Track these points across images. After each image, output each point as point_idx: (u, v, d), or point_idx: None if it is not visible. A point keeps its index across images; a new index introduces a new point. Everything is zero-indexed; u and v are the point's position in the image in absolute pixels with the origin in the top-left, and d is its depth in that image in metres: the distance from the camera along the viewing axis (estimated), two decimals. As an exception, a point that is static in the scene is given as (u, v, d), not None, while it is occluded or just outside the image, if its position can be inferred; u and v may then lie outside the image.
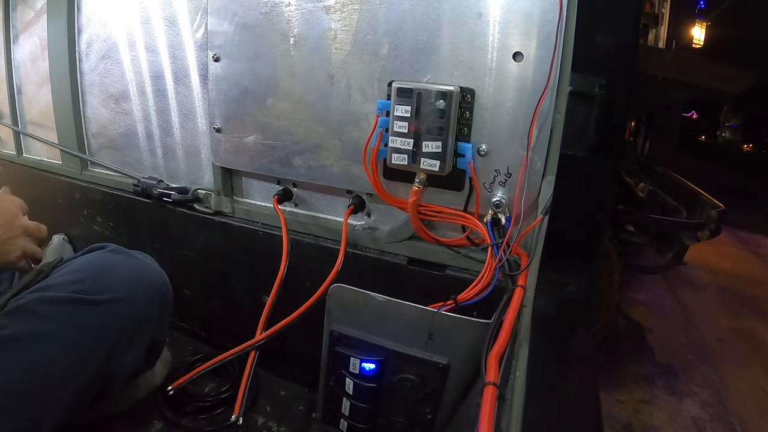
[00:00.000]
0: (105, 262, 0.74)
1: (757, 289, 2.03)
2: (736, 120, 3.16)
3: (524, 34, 0.62)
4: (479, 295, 0.69)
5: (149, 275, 0.76)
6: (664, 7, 1.62)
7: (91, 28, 1.05)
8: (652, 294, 1.92)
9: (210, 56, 0.84)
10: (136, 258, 0.79)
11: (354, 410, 0.74)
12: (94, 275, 0.69)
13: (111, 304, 0.67)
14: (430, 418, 0.70)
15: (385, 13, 0.69)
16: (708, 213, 1.26)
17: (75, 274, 0.69)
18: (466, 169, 0.69)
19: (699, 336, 1.63)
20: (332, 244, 0.84)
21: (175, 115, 0.98)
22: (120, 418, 0.84)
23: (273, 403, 0.92)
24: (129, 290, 0.70)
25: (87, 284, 0.67)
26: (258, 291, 0.94)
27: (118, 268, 0.73)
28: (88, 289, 0.66)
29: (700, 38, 2.25)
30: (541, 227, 0.63)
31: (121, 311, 0.68)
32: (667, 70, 1.30)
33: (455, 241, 0.75)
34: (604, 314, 1.30)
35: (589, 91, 0.58)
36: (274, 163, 0.85)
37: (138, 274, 0.74)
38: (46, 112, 1.20)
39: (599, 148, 0.60)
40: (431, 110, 0.66)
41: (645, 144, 1.77)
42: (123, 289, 0.69)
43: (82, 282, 0.67)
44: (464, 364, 0.65)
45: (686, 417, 1.22)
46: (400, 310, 0.66)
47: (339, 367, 0.73)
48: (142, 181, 1.01)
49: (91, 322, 0.65)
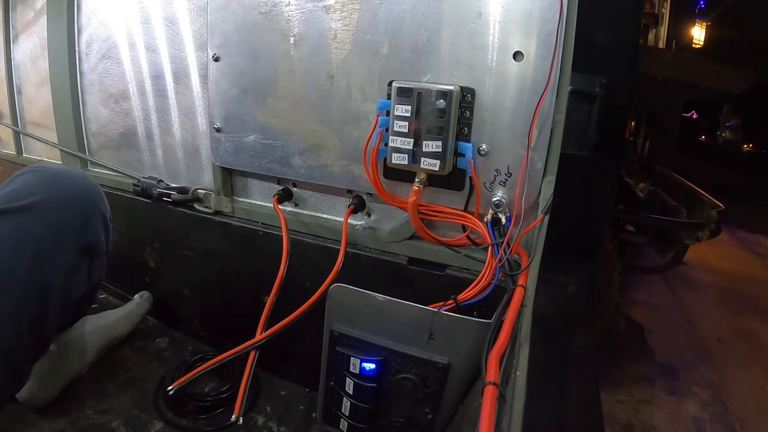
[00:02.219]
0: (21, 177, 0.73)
1: (757, 289, 2.02)
2: (736, 120, 3.15)
3: (524, 33, 0.62)
4: (479, 295, 0.68)
5: (68, 180, 0.76)
6: (664, 7, 1.62)
7: (91, 28, 1.05)
8: (652, 294, 1.92)
9: (210, 56, 0.84)
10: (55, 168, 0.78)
11: (354, 410, 0.74)
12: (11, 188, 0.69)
13: (26, 209, 0.67)
14: (430, 418, 0.70)
15: (385, 12, 0.69)
16: (708, 213, 1.25)
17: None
18: (467, 169, 0.69)
19: (699, 336, 1.63)
20: (332, 243, 0.84)
21: (175, 115, 0.98)
22: (120, 418, 0.84)
23: (273, 403, 0.92)
24: (44, 196, 0.69)
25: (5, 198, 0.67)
26: (258, 291, 0.94)
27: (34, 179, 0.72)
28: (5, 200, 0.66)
29: (700, 38, 2.25)
30: (541, 227, 0.63)
31: (36, 216, 0.68)
32: (667, 70, 1.30)
33: (455, 241, 0.75)
34: (604, 314, 1.30)
35: (589, 90, 0.58)
36: (274, 163, 0.85)
37: (55, 181, 0.73)
38: (46, 112, 1.20)
39: (599, 148, 0.60)
40: (431, 110, 0.66)
41: (645, 144, 1.77)
42: (37, 195, 0.68)
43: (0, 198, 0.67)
44: (465, 364, 0.65)
45: (686, 417, 1.21)
46: (400, 309, 0.66)
47: (339, 367, 0.73)
48: (142, 181, 1.01)
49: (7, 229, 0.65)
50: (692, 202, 1.35)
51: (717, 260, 2.29)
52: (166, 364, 1.00)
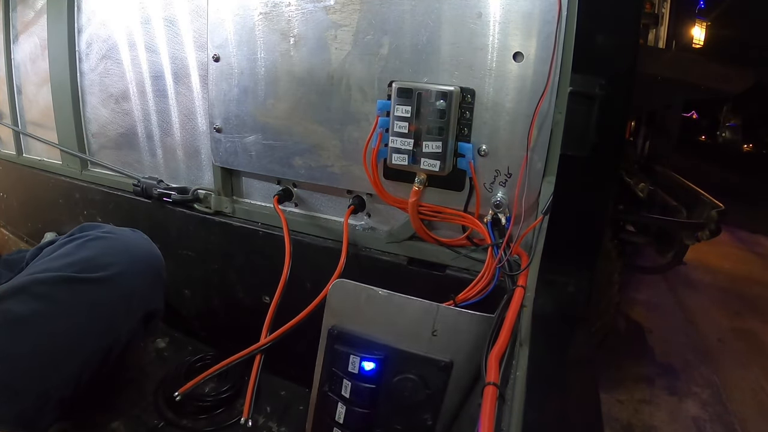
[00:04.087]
0: (96, 243, 0.75)
1: (757, 289, 2.02)
2: (736, 120, 3.16)
3: (524, 34, 0.62)
4: (479, 295, 0.69)
5: (139, 250, 0.78)
6: (664, 7, 1.62)
7: (91, 28, 1.05)
8: (652, 294, 1.92)
9: (210, 56, 0.84)
10: (126, 235, 0.80)
11: (349, 416, 0.70)
12: (86, 255, 0.71)
13: (104, 281, 0.69)
14: (430, 425, 0.68)
15: (385, 13, 0.69)
16: (708, 213, 1.25)
17: (67, 257, 0.71)
18: (467, 169, 0.69)
19: (699, 336, 1.63)
20: (332, 244, 0.84)
21: (175, 115, 0.98)
22: (120, 418, 0.84)
23: (273, 403, 0.92)
24: (120, 268, 0.72)
25: (80, 265, 0.69)
26: (258, 291, 0.94)
27: (109, 248, 0.74)
28: (81, 268, 0.68)
29: (700, 38, 2.25)
30: (541, 227, 0.63)
31: (114, 287, 0.70)
32: (667, 70, 1.30)
33: (455, 241, 0.75)
34: (604, 314, 1.30)
35: (589, 91, 0.58)
36: (274, 163, 0.85)
37: (128, 250, 0.76)
38: (46, 112, 1.20)
39: (599, 148, 0.60)
40: (431, 110, 0.66)
41: (645, 144, 1.77)
42: (114, 267, 0.71)
43: (75, 264, 0.69)
44: (467, 363, 0.65)
45: (686, 417, 1.21)
46: (403, 304, 0.66)
47: (337, 367, 0.72)
48: (142, 181, 1.01)
49: (86, 299, 0.67)
50: (692, 202, 1.35)
51: (717, 260, 2.29)
52: (166, 364, 1.00)
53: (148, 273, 0.78)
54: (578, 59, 0.59)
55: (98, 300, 0.69)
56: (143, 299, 0.76)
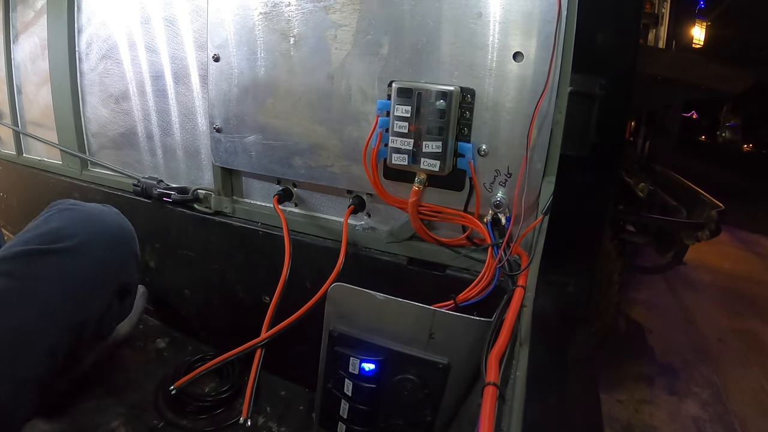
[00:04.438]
0: (60, 215, 0.74)
1: (756, 289, 2.03)
2: (736, 120, 3.16)
3: (524, 34, 0.62)
4: (479, 295, 0.69)
5: (107, 221, 0.77)
6: (664, 7, 1.62)
7: (91, 28, 1.05)
8: (652, 294, 1.92)
9: (210, 56, 0.84)
10: (94, 206, 0.79)
11: (353, 412, 0.73)
12: (50, 227, 0.69)
13: (68, 251, 0.68)
14: (429, 421, 0.69)
15: (385, 13, 0.69)
16: (708, 213, 1.26)
17: (31, 231, 0.69)
18: (467, 169, 0.69)
19: (699, 336, 1.63)
20: (332, 244, 0.84)
21: (175, 115, 0.98)
22: (120, 418, 0.84)
23: (273, 403, 0.92)
24: (85, 237, 0.70)
25: (43, 237, 0.67)
26: (258, 291, 0.94)
27: (73, 219, 0.73)
28: (43, 240, 0.67)
29: (700, 38, 2.25)
30: (541, 227, 0.63)
31: (78, 256, 0.69)
32: (667, 70, 1.30)
33: (455, 241, 0.75)
34: (604, 314, 1.30)
35: (589, 91, 0.58)
36: (274, 163, 0.85)
37: (93, 221, 0.75)
38: (46, 112, 1.20)
39: (599, 148, 0.60)
40: (431, 110, 0.66)
41: (645, 144, 1.77)
42: (79, 236, 0.69)
43: (38, 237, 0.67)
44: (465, 364, 0.65)
45: (686, 417, 1.22)
46: (400, 308, 0.66)
47: (338, 368, 0.73)
48: (142, 181, 1.01)
49: (49, 271, 0.66)
50: (692, 202, 1.35)
51: (717, 260, 2.29)
52: (166, 364, 1.00)
53: (116, 244, 0.76)
54: (578, 59, 0.59)
55: (63, 270, 0.67)
56: (113, 271, 0.74)
